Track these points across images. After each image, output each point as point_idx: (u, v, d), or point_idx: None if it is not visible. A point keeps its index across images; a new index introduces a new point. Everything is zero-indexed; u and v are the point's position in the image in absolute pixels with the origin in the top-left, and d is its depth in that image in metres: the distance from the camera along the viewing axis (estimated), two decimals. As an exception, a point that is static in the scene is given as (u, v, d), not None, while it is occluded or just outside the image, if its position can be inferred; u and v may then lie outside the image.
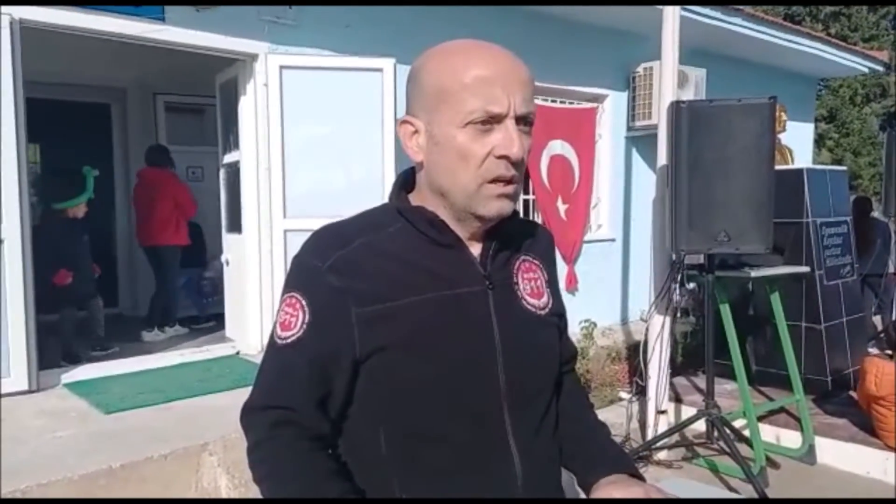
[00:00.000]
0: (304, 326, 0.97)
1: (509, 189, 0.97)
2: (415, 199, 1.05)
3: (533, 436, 1.04)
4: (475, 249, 1.04)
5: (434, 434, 0.98)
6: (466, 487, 0.99)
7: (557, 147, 6.05)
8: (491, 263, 1.04)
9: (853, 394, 4.42)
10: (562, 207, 6.09)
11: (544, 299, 1.10)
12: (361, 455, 1.01)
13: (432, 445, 0.98)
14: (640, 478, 1.07)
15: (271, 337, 1.02)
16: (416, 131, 1.00)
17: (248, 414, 1.01)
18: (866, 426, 3.96)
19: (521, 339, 1.03)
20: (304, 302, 0.98)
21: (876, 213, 7.05)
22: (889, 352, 3.97)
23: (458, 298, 1.00)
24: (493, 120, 0.94)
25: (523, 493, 1.01)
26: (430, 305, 0.97)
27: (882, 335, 5.80)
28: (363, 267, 0.98)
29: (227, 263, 5.18)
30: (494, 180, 0.96)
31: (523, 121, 0.96)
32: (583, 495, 1.09)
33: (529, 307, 1.07)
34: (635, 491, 1.00)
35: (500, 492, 1.00)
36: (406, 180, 1.08)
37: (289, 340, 0.98)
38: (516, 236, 1.10)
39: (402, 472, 0.98)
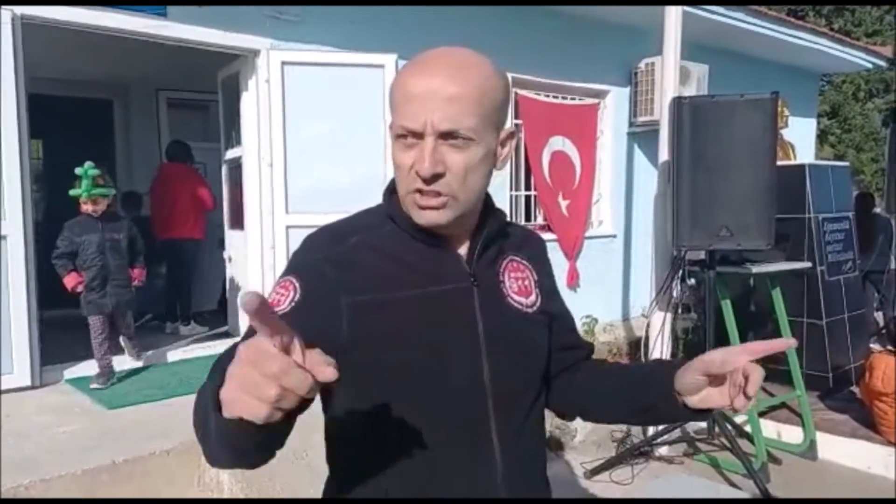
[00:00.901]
0: (293, 304, 0.98)
1: (432, 202, 0.98)
2: None
3: (516, 431, 1.06)
4: (462, 249, 1.08)
5: (417, 427, 1.00)
6: (447, 480, 1.01)
7: (559, 143, 6.05)
8: (476, 262, 1.07)
9: (855, 389, 4.43)
10: (563, 203, 6.08)
11: (532, 298, 1.13)
12: (347, 446, 1.04)
13: (415, 438, 1.01)
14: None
15: None
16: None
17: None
18: (868, 422, 3.96)
19: (506, 336, 1.06)
20: (296, 284, 1.00)
21: (878, 210, 7.05)
22: (890, 347, 3.97)
23: (443, 294, 1.03)
24: (414, 136, 0.96)
25: (503, 488, 1.03)
26: (416, 301, 1.01)
27: (884, 331, 5.80)
28: (356, 262, 1.02)
29: (230, 260, 5.19)
30: (417, 191, 0.99)
31: (453, 136, 0.96)
32: (587, 491, 1.10)
33: (516, 304, 1.10)
34: (714, 355, 0.93)
35: (481, 485, 1.03)
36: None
37: None
38: (505, 239, 1.14)
39: (386, 464, 1.01)
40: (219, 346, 4.84)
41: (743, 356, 0.90)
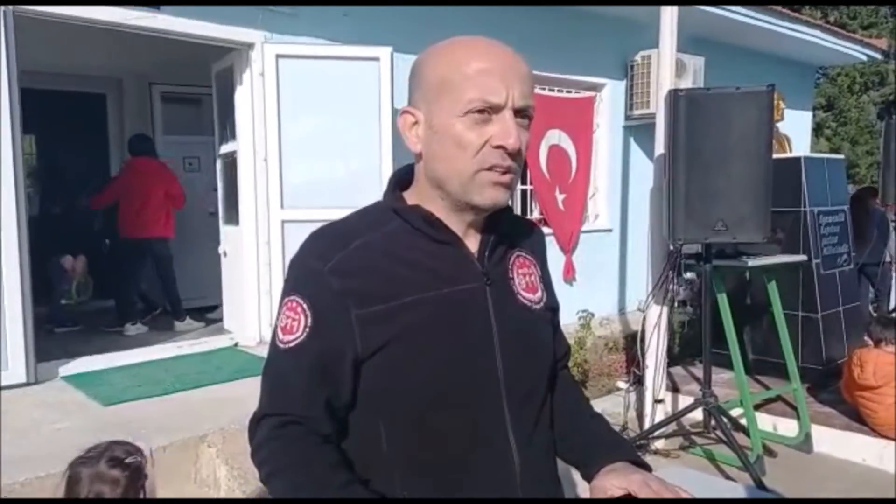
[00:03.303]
0: (307, 330, 0.97)
1: (505, 178, 0.98)
2: (411, 195, 1.05)
3: (531, 429, 1.05)
4: (472, 245, 1.05)
5: (434, 429, 0.99)
6: (466, 481, 1.00)
7: (555, 137, 6.03)
8: (488, 259, 1.05)
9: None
10: (559, 197, 6.08)
11: (538, 294, 1.11)
12: (362, 451, 1.02)
13: (432, 440, 1.00)
14: (643, 463, 1.07)
15: (273, 342, 1.02)
16: (416, 122, 1.01)
17: (255, 423, 1.02)
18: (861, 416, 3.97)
19: (518, 334, 1.04)
20: (305, 305, 0.98)
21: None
22: (870, 341, 3.98)
23: (456, 295, 1.01)
24: (491, 110, 0.95)
25: (521, 485, 1.03)
26: (429, 303, 0.98)
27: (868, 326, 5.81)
28: (363, 268, 0.98)
29: (225, 255, 5.17)
30: (491, 168, 0.96)
31: (521, 114, 0.97)
32: (584, 486, 1.10)
33: (525, 301, 1.08)
34: (634, 478, 1.00)
35: (499, 484, 1.02)
36: (400, 179, 1.08)
37: (292, 345, 0.98)
38: (511, 232, 1.11)
39: (403, 468, 0.99)
40: (214, 342, 4.83)
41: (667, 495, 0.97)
